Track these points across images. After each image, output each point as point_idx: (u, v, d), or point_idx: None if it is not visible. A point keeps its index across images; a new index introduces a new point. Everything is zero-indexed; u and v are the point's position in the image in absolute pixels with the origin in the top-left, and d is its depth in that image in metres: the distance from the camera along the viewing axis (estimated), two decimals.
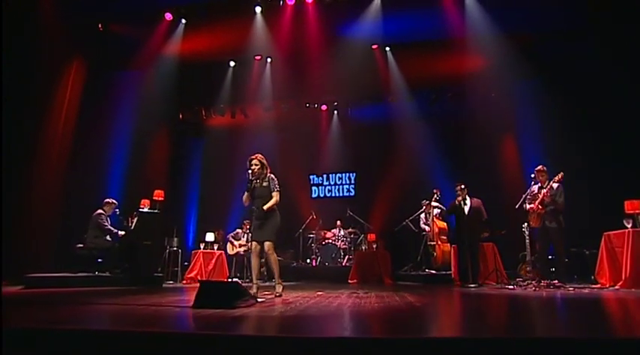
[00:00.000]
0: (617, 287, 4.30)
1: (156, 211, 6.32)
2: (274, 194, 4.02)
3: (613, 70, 5.31)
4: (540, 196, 4.93)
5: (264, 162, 4.09)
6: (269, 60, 9.35)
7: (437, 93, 9.34)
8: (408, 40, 8.21)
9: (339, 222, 9.05)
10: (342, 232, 8.90)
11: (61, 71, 7.39)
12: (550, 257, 5.13)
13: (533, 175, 5.04)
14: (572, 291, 4.16)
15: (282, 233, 8.96)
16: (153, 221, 6.20)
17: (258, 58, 9.36)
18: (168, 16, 7.96)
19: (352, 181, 10.38)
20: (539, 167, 5.07)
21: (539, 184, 5.07)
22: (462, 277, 5.19)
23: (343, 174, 10.43)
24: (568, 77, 6.07)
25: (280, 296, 4.02)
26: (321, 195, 10.48)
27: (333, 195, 10.39)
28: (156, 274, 6.15)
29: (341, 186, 10.42)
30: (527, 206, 5.14)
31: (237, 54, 9.19)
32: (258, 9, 7.80)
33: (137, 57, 8.13)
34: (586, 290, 4.20)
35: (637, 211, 4.55)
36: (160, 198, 6.51)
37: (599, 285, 4.68)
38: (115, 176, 8.35)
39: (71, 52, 7.52)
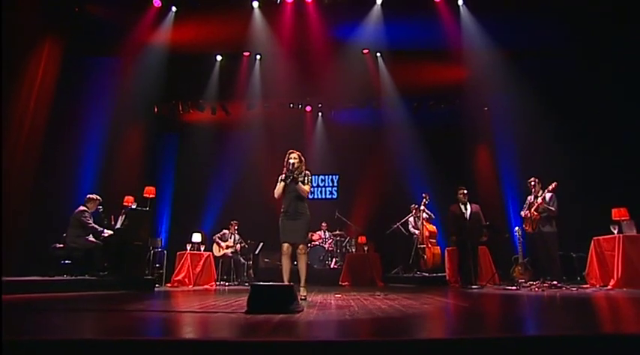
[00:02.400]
0: (609, 286, 4.69)
1: (147, 209, 5.89)
2: (306, 186, 3.93)
3: (601, 84, 5.81)
4: (536, 204, 5.26)
5: (302, 157, 4.01)
6: (258, 57, 9.11)
7: (419, 101, 9.64)
8: (400, 47, 8.35)
9: (324, 224, 9.01)
10: (327, 234, 8.88)
11: (31, 49, 6.67)
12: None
13: (532, 183, 5.35)
14: (575, 291, 4.48)
15: (269, 234, 8.82)
16: (144, 219, 5.76)
17: (247, 54, 9.11)
18: (157, 2, 7.49)
19: (335, 183, 10.41)
20: (532, 179, 5.42)
21: (534, 194, 5.41)
22: (464, 279, 5.37)
23: (326, 177, 10.43)
24: (557, 90, 6.54)
25: (305, 299, 3.91)
26: None
27: (316, 197, 10.33)
28: (146, 277, 5.73)
29: (324, 188, 10.40)
30: (523, 213, 5.47)
31: (226, 48, 8.87)
32: (255, 4, 7.57)
33: (119, 43, 7.56)
34: (589, 290, 4.53)
35: (623, 218, 5.00)
36: (151, 195, 6.08)
37: (588, 285, 5.08)
38: (88, 171, 7.71)
39: (44, 29, 6.81)
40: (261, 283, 2.82)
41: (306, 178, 3.98)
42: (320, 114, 10.58)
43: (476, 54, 7.40)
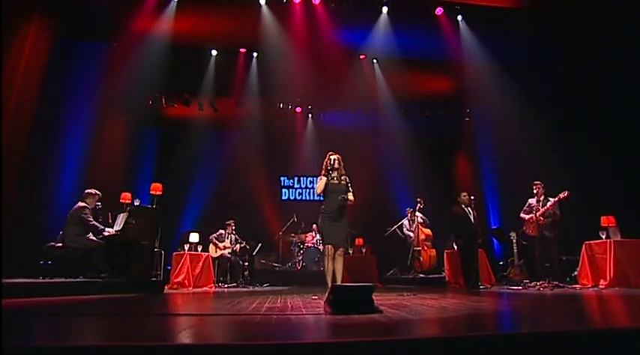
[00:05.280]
0: (602, 286, 5.19)
1: (154, 207, 5.57)
2: (350, 194, 4.01)
3: (589, 94, 6.42)
4: (542, 209, 5.69)
5: (341, 161, 4.09)
6: (255, 54, 8.96)
7: (411, 107, 10.00)
8: (397, 55, 8.57)
9: (315, 226, 9.03)
10: (317, 236, 8.90)
11: (16, 30, 6.05)
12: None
13: (538, 186, 5.77)
14: (579, 290, 4.92)
15: (260, 235, 8.68)
16: (151, 218, 5.45)
17: (243, 51, 8.92)
18: None
19: None
20: (538, 182, 5.85)
21: (536, 197, 5.85)
22: (473, 281, 5.67)
23: (315, 178, 10.42)
24: (548, 101, 7.12)
25: None
26: (291, 198, 10.33)
27: (304, 198, 10.33)
28: (152, 279, 5.42)
29: (312, 190, 10.42)
30: (526, 216, 5.90)
31: (223, 44, 8.64)
32: (262, 0, 7.45)
33: (114, 29, 7.11)
34: (592, 290, 5.00)
35: (611, 224, 5.56)
36: (158, 192, 5.77)
37: (579, 285, 5.58)
38: (70, 166, 7.14)
39: (31, 8, 6.22)
40: (343, 284, 2.83)
41: (348, 184, 4.07)
42: (310, 115, 10.59)
43: (472, 66, 7.83)
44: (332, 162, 4.02)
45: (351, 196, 4.02)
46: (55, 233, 5.99)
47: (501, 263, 7.37)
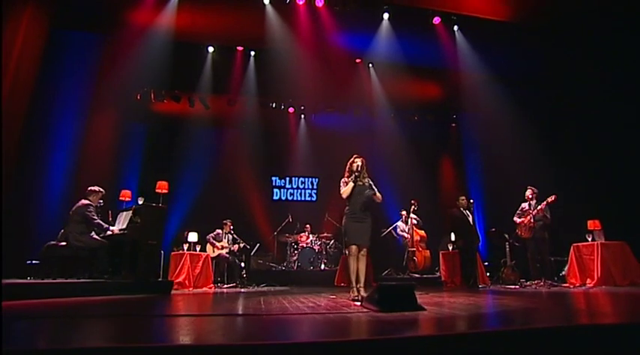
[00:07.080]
0: (590, 284, 5.58)
1: (161, 205, 5.43)
2: (378, 194, 4.12)
3: (576, 103, 6.88)
4: (533, 212, 6.05)
5: (365, 164, 4.19)
6: (252, 53, 8.90)
7: (397, 111, 10.25)
8: (393, 59, 8.78)
9: (308, 226, 9.09)
10: (312, 236, 8.97)
11: (7, 16, 5.73)
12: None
13: (533, 194, 6.13)
14: (572, 289, 5.27)
15: (256, 235, 8.61)
16: (157, 217, 5.31)
17: (241, 48, 8.84)
18: None
19: (314, 186, 10.52)
20: (533, 188, 6.22)
21: (529, 202, 6.21)
22: (474, 281, 5.94)
23: (306, 179, 10.49)
24: (535, 109, 7.54)
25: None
26: (283, 198, 10.32)
27: (295, 198, 10.35)
28: (160, 280, 5.29)
29: (303, 191, 10.45)
30: (518, 220, 6.24)
31: (221, 41, 8.51)
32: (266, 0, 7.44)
33: (111, 20, 6.87)
34: (582, 288, 5.37)
35: (597, 228, 5.99)
36: (164, 191, 5.63)
37: (568, 284, 5.97)
38: (59, 162, 6.84)
39: None
40: (388, 283, 2.93)
41: (373, 186, 4.17)
42: (303, 116, 10.62)
43: (465, 74, 8.18)
44: (359, 166, 4.10)
45: (378, 194, 4.11)
46: (42, 230, 5.75)
47: (486, 263, 7.74)
